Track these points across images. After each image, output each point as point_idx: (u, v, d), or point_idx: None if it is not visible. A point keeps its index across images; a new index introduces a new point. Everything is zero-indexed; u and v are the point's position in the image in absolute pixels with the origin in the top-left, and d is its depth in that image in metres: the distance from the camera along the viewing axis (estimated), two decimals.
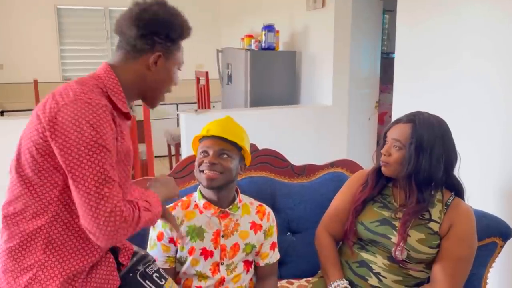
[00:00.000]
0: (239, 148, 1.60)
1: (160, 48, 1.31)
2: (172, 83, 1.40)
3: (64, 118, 1.14)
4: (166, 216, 1.54)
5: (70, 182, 1.16)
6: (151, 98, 1.39)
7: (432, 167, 1.56)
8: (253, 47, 4.26)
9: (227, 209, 1.64)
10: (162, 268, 1.59)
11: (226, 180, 1.58)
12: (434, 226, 1.59)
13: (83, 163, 1.13)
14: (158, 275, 1.50)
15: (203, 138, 1.62)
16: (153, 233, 1.64)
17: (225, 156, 1.57)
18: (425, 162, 1.55)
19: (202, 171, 1.58)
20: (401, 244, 1.56)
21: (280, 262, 1.84)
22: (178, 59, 1.38)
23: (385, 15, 5.36)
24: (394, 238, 1.60)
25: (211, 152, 1.57)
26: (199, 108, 5.09)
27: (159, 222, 1.61)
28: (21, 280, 1.21)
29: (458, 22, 2.54)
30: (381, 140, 1.71)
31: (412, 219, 1.58)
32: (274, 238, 1.74)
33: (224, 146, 1.57)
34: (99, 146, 1.14)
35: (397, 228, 1.61)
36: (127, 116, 1.34)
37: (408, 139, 1.57)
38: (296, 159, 2.18)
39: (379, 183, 1.71)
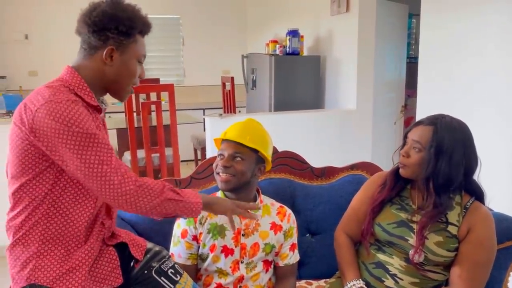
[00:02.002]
0: (256, 151, 1.64)
1: (113, 42, 1.34)
2: (133, 76, 1.41)
3: (41, 122, 1.22)
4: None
5: (75, 175, 1.25)
6: (116, 92, 1.42)
7: (451, 171, 1.54)
8: (277, 52, 4.30)
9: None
10: (185, 265, 1.64)
11: (239, 182, 1.62)
12: (452, 229, 1.57)
13: (77, 156, 1.22)
14: (173, 271, 1.54)
15: (222, 140, 1.67)
16: (177, 231, 1.69)
17: (238, 158, 1.61)
18: (444, 166, 1.53)
19: (218, 173, 1.64)
20: (419, 247, 1.57)
21: (299, 263, 1.86)
22: (135, 52, 1.40)
23: (412, 19, 5.32)
24: (412, 240, 1.60)
25: (226, 155, 1.62)
26: (224, 113, 5.17)
27: (184, 220, 1.66)
28: (23, 273, 1.30)
29: (482, 25, 2.52)
30: (402, 141, 1.70)
31: (429, 223, 1.57)
32: (294, 239, 1.77)
33: (238, 149, 1.61)
34: (83, 135, 1.23)
35: (415, 230, 1.60)
36: (97, 110, 1.40)
37: (428, 141, 1.56)
38: (320, 163, 2.19)
39: (397, 185, 1.70)
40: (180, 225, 1.68)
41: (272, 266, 1.76)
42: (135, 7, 1.40)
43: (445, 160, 1.54)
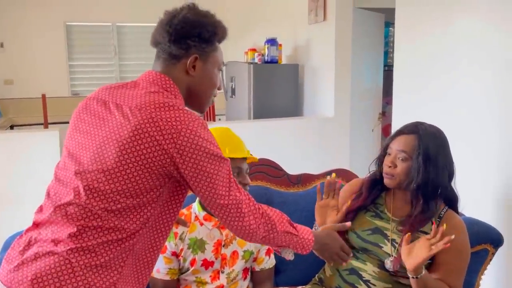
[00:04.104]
0: (244, 158, 1.67)
1: (195, 50, 1.28)
2: (215, 86, 1.36)
3: (187, 143, 1.15)
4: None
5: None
6: (197, 104, 1.35)
7: (439, 177, 1.57)
8: (256, 60, 4.32)
9: None
10: (164, 280, 1.62)
11: None
12: None
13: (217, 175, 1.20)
14: None
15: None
16: None
17: (248, 171, 1.67)
18: (432, 172, 1.56)
19: None
20: (392, 255, 1.58)
21: (276, 270, 1.86)
22: (216, 60, 1.35)
23: (390, 28, 5.40)
24: (386, 247, 1.61)
25: (241, 173, 1.62)
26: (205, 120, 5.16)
27: None
28: None
29: (454, 34, 2.58)
30: (381, 152, 1.71)
31: (417, 229, 1.58)
32: None
33: (245, 164, 1.65)
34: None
35: (389, 238, 1.62)
36: None
37: (414, 150, 1.57)
38: (299, 170, 2.20)
39: (372, 193, 1.72)
40: None
41: (249, 272, 1.76)
42: (213, 13, 1.33)
43: (432, 166, 1.56)
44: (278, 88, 4.28)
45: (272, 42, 4.28)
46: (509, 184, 2.25)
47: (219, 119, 5.61)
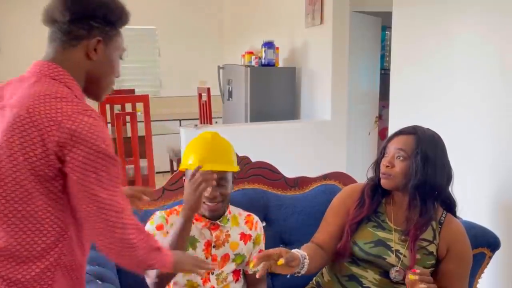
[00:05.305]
0: None
1: (99, 33, 1.17)
2: (114, 73, 1.25)
3: (68, 135, 1.05)
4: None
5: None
6: (95, 91, 1.24)
7: (437, 178, 1.55)
8: (253, 63, 4.33)
9: (217, 221, 1.66)
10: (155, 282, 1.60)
11: (226, 204, 1.64)
12: (430, 247, 1.58)
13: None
14: None
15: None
16: (150, 227, 1.65)
17: (222, 182, 1.59)
18: (430, 173, 1.54)
19: (203, 202, 1.57)
20: (398, 265, 1.57)
21: (273, 273, 1.85)
22: (119, 45, 1.24)
23: (386, 32, 5.41)
24: (390, 259, 1.58)
25: (220, 184, 1.58)
26: (201, 123, 5.16)
27: (157, 217, 1.64)
28: None
29: (450, 37, 2.59)
30: (380, 153, 1.68)
31: (421, 234, 1.57)
32: (262, 246, 1.76)
33: (222, 175, 1.57)
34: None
35: (393, 249, 1.59)
36: None
37: (413, 149, 1.56)
38: (296, 174, 2.20)
39: (374, 201, 1.67)
40: (154, 222, 1.65)
41: (241, 275, 1.75)
42: None
43: (430, 166, 1.54)
44: (275, 91, 4.28)
45: (269, 45, 4.28)
46: (504, 187, 2.25)
47: (216, 122, 5.60)
